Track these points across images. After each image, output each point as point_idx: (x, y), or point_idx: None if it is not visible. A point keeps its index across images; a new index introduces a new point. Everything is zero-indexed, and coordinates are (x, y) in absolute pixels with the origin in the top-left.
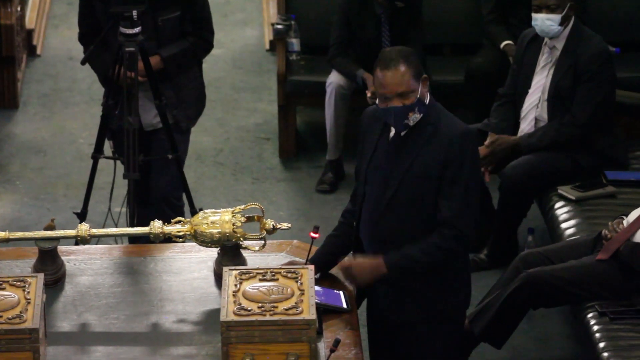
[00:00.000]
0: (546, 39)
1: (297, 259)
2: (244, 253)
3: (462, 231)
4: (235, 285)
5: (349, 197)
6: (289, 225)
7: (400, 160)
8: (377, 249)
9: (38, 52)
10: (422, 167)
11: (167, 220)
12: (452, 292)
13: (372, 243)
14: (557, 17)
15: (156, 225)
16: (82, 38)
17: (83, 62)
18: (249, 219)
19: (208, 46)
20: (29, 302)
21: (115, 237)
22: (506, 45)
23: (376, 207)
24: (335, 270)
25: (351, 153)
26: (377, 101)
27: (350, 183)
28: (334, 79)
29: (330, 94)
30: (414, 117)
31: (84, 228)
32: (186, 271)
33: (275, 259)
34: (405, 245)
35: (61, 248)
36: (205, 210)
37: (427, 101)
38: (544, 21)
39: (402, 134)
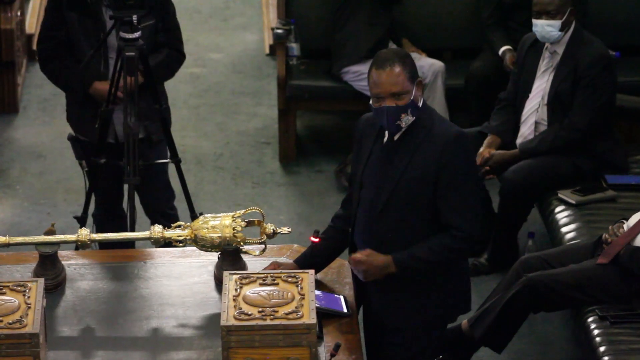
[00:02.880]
0: (547, 44)
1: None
2: (244, 257)
3: (469, 232)
4: (236, 289)
5: None
6: (289, 229)
7: (394, 164)
8: None
9: None
10: (416, 170)
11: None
12: (450, 297)
13: (366, 247)
14: (557, 23)
15: (156, 230)
16: (41, 46)
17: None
18: (249, 224)
19: (181, 57)
20: (29, 307)
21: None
22: (504, 50)
23: (371, 212)
24: (333, 273)
25: None
26: (370, 102)
27: None
28: None
29: None
30: (407, 119)
31: (84, 233)
32: (186, 276)
33: None
34: (414, 244)
35: (61, 253)
36: (206, 215)
37: (420, 104)
38: (544, 27)
39: (396, 138)
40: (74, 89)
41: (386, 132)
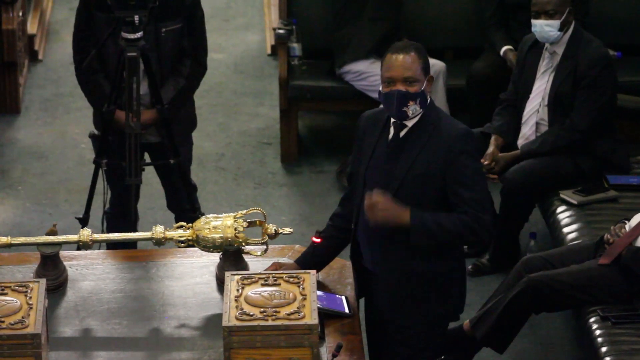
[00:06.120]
0: (547, 44)
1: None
2: (246, 258)
3: (482, 218)
4: (237, 290)
5: None
6: (291, 230)
7: (400, 160)
8: (375, 251)
9: (40, 57)
10: (423, 166)
11: None
12: (448, 295)
13: (370, 245)
14: (556, 23)
15: (158, 231)
16: (78, 48)
17: (84, 67)
18: (251, 224)
19: (202, 70)
20: (31, 308)
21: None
22: (506, 50)
23: None
24: (335, 274)
25: None
26: (380, 88)
27: None
28: None
29: None
30: (414, 108)
31: (85, 233)
32: (188, 276)
33: None
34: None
35: (63, 253)
36: (207, 215)
37: (428, 100)
38: (543, 27)
39: (402, 134)
40: (97, 105)
41: (391, 129)
